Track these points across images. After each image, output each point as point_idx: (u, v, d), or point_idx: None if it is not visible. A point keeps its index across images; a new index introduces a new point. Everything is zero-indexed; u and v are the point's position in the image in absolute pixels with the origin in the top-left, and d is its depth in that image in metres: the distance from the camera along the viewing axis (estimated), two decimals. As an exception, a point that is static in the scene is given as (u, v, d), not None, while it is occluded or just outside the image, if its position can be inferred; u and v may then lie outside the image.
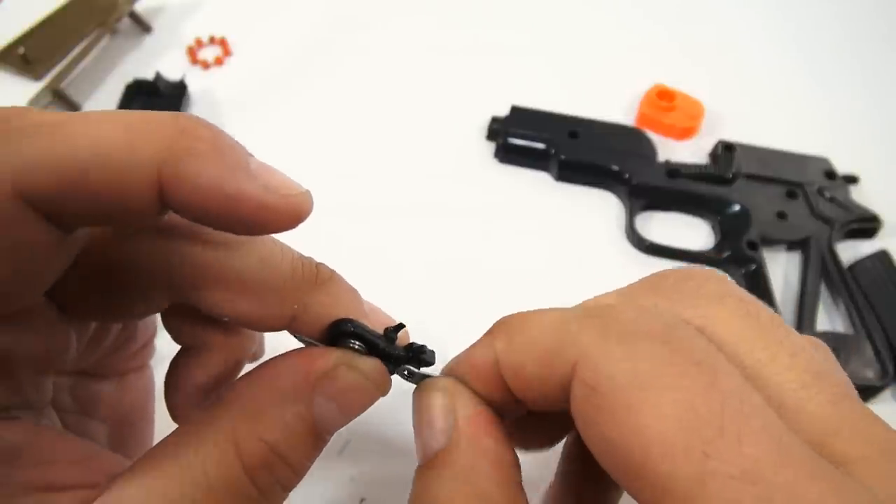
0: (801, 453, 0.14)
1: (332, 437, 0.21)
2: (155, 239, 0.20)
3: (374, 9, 0.68)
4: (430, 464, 0.19)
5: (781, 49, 0.68)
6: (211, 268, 0.19)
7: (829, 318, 0.47)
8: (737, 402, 0.14)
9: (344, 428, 0.21)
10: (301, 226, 0.19)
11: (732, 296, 0.19)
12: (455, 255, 0.49)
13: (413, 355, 0.22)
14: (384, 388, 0.21)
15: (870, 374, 0.42)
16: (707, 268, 0.20)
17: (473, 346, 0.21)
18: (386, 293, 0.29)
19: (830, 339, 0.44)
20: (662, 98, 0.58)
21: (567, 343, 0.17)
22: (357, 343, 0.21)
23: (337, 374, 0.20)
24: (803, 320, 0.45)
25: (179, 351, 0.23)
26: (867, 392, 0.42)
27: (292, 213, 0.18)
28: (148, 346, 0.26)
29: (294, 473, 0.20)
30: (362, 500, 0.36)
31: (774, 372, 0.16)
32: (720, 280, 0.20)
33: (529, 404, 0.20)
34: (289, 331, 0.21)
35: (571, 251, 0.50)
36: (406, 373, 0.22)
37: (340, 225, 0.49)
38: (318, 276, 0.21)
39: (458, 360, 0.22)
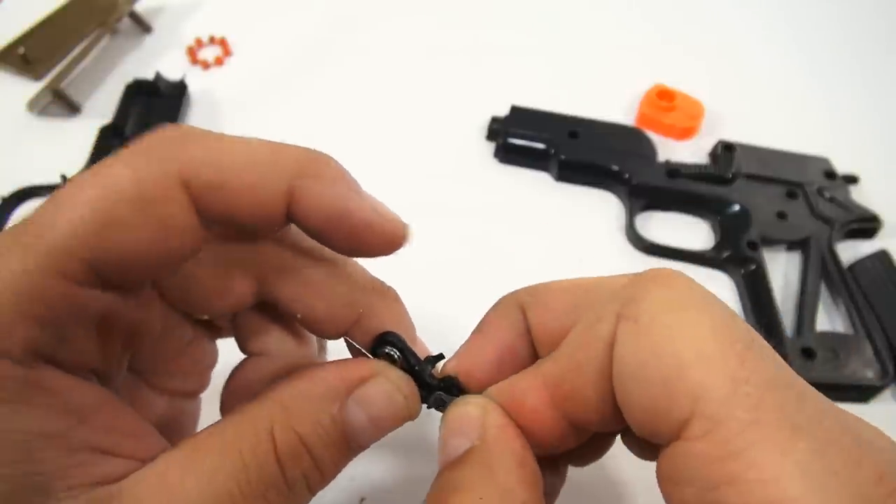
0: (803, 382, 0.17)
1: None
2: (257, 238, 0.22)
3: (374, 9, 0.68)
4: (455, 461, 0.20)
5: (781, 49, 0.68)
6: (299, 267, 0.22)
7: (829, 318, 0.47)
8: (754, 335, 0.17)
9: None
10: None
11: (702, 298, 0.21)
12: (455, 255, 0.49)
13: (445, 385, 0.23)
14: (413, 408, 0.22)
15: (870, 374, 0.42)
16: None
17: (485, 332, 0.23)
18: (386, 293, 0.29)
19: (830, 339, 0.44)
20: (662, 98, 0.58)
21: (611, 294, 0.19)
22: (396, 353, 0.22)
23: (371, 381, 0.21)
24: (803, 320, 0.45)
25: (242, 360, 0.25)
26: (867, 392, 0.42)
27: (393, 238, 0.21)
28: (205, 374, 0.27)
29: (320, 474, 0.20)
30: (362, 499, 0.36)
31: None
32: (691, 283, 0.21)
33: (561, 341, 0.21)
34: (345, 337, 0.23)
35: (571, 251, 0.50)
36: (437, 399, 0.23)
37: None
38: (386, 293, 0.24)
39: (477, 358, 0.23)
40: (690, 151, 0.57)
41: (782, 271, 0.50)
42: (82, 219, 0.16)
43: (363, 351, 0.23)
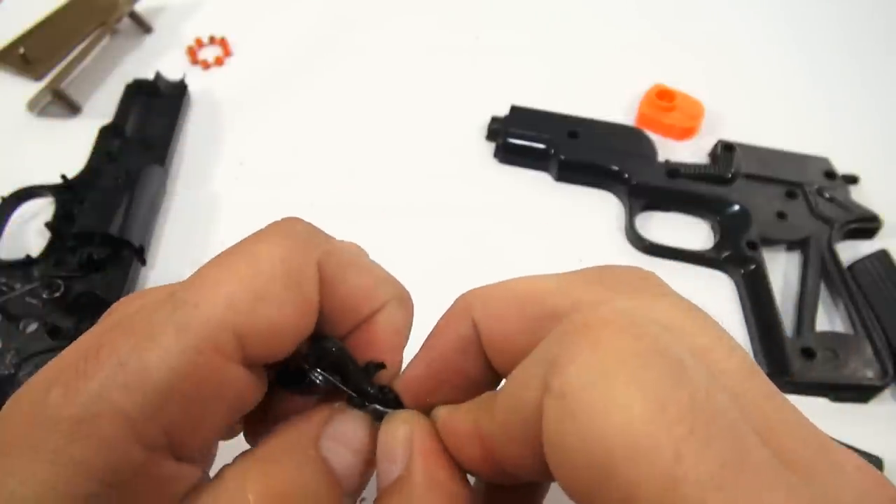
0: (761, 457, 0.13)
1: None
2: None
3: (374, 9, 0.68)
4: (385, 490, 0.19)
5: (781, 49, 0.68)
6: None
7: (829, 318, 0.47)
8: (705, 396, 0.14)
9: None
10: None
11: (672, 293, 0.19)
12: (455, 255, 0.49)
13: (382, 396, 0.22)
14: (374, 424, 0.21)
15: (870, 374, 0.42)
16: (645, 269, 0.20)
17: (434, 341, 0.22)
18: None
19: (830, 339, 0.44)
20: (662, 98, 0.58)
21: (542, 359, 0.16)
22: (319, 377, 0.20)
23: (335, 418, 0.21)
24: (803, 320, 0.45)
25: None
26: (867, 392, 0.42)
27: None
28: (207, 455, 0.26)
29: None
30: (362, 499, 0.36)
31: (718, 359, 0.16)
32: (659, 279, 0.19)
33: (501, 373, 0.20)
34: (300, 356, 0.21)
35: (571, 251, 0.50)
36: (374, 411, 0.22)
37: (340, 225, 0.48)
38: (403, 294, 0.23)
39: (423, 369, 0.22)
40: (690, 151, 0.57)
41: (782, 271, 0.50)
42: (236, 294, 0.17)
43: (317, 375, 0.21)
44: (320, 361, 0.21)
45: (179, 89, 0.57)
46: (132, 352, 0.16)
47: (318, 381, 0.20)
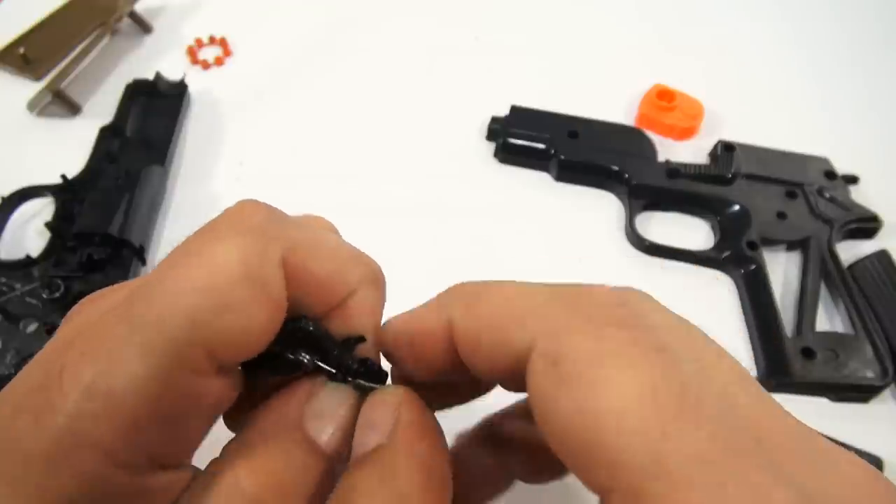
0: (748, 444, 0.14)
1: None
2: None
3: (373, 9, 0.68)
4: (359, 461, 0.19)
5: (781, 49, 0.68)
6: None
7: (829, 318, 0.47)
8: (696, 387, 0.15)
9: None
10: None
11: (664, 310, 0.18)
12: (455, 255, 0.49)
13: (364, 370, 0.21)
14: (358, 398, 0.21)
15: (870, 374, 0.42)
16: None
17: (423, 308, 0.21)
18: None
19: (830, 339, 0.44)
20: (662, 98, 0.58)
21: (529, 315, 0.17)
22: (303, 355, 0.20)
23: (316, 394, 0.20)
24: (803, 320, 0.45)
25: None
26: (867, 392, 0.42)
27: None
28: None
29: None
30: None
31: (710, 363, 0.17)
32: (646, 298, 0.19)
33: (479, 375, 0.19)
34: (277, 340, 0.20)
35: (571, 251, 0.50)
36: (356, 385, 0.21)
37: (340, 225, 0.49)
38: (377, 274, 0.22)
39: (404, 321, 0.21)
40: (690, 151, 0.57)
41: (782, 271, 0.50)
42: (199, 307, 0.16)
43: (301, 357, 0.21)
44: (298, 342, 0.20)
45: (179, 89, 0.57)
46: (98, 378, 0.15)
47: (302, 361, 0.20)
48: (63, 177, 0.49)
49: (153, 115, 0.55)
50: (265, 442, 0.19)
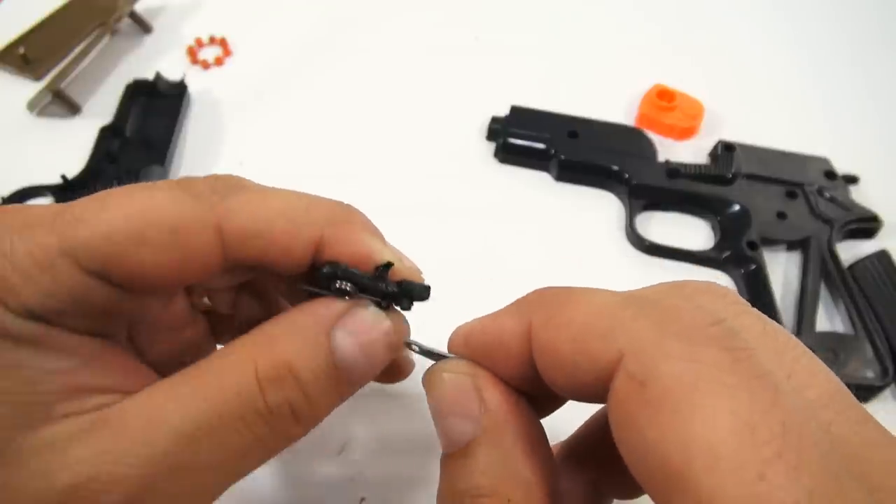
0: (854, 492, 0.13)
1: (332, 438, 0.21)
2: None
3: (373, 9, 0.68)
4: (461, 453, 0.19)
5: (781, 49, 0.68)
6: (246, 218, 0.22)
7: (829, 318, 0.47)
8: (797, 425, 0.13)
9: (343, 428, 0.21)
10: None
11: (751, 312, 0.18)
12: (455, 255, 0.49)
13: (404, 291, 0.22)
14: (400, 334, 0.22)
15: (870, 374, 0.42)
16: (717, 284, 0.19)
17: (500, 314, 0.21)
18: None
19: (830, 339, 0.44)
20: (662, 98, 0.58)
21: (616, 329, 0.16)
22: (347, 284, 0.21)
23: (353, 311, 0.21)
24: (803, 320, 0.45)
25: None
26: (867, 392, 0.42)
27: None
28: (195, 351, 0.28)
29: (308, 405, 0.20)
30: (362, 499, 0.36)
31: (806, 383, 0.16)
32: (736, 294, 0.19)
33: (555, 388, 0.19)
34: (303, 284, 0.22)
35: (571, 251, 0.50)
36: (401, 307, 0.22)
37: (340, 225, 0.49)
38: (350, 210, 0.23)
39: (478, 329, 0.21)
40: (690, 151, 0.57)
41: (782, 271, 0.50)
42: (118, 229, 0.18)
43: (320, 292, 0.22)
44: (332, 283, 0.21)
45: (179, 89, 0.57)
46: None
47: (345, 289, 0.21)
48: (63, 177, 0.49)
49: (153, 115, 0.55)
50: (288, 333, 0.20)
